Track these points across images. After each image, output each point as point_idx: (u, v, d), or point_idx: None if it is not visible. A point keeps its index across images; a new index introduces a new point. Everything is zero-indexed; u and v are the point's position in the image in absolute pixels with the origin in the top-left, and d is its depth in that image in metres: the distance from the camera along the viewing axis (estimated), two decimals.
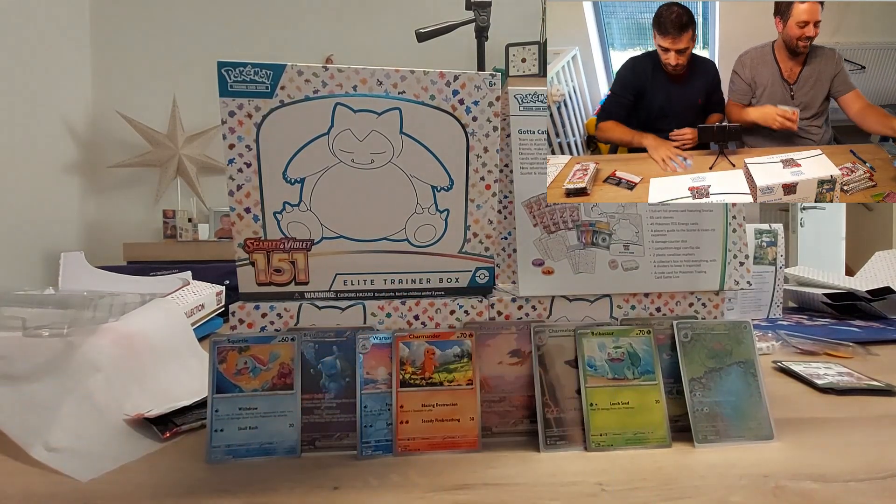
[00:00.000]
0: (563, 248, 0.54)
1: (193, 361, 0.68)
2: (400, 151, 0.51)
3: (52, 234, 2.68)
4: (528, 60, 2.66)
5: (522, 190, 0.55)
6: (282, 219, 0.51)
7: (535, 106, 0.57)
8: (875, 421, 0.55)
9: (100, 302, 0.70)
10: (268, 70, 0.49)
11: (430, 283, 0.54)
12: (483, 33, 2.14)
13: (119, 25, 2.95)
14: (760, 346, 0.83)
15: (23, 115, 2.51)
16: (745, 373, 0.52)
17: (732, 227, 0.57)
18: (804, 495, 0.39)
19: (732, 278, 0.57)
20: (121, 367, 0.57)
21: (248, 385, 0.48)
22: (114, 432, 0.50)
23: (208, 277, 1.06)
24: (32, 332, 0.58)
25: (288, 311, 0.51)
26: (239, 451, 0.46)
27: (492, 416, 0.51)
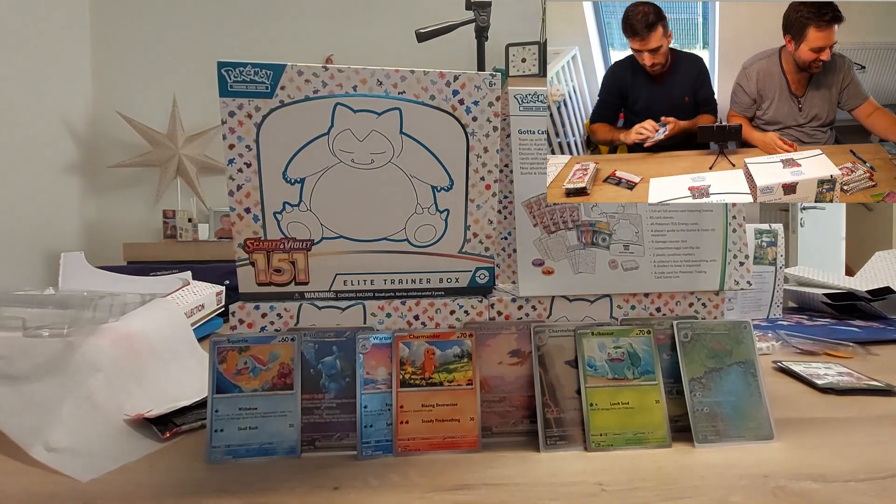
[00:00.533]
0: (563, 248, 0.54)
1: (193, 361, 0.68)
2: (400, 151, 0.51)
3: (52, 234, 2.68)
4: (528, 60, 2.66)
5: (522, 190, 0.55)
6: (282, 219, 0.51)
7: (535, 106, 0.57)
8: (875, 421, 0.55)
9: (100, 302, 0.70)
10: (268, 70, 0.49)
11: (430, 283, 0.54)
12: (483, 33, 2.13)
13: (119, 25, 2.95)
14: (760, 346, 0.83)
15: (23, 115, 2.51)
16: (745, 373, 0.52)
17: (732, 227, 0.57)
18: (804, 495, 0.39)
19: (732, 278, 0.57)
20: (121, 367, 0.57)
21: (248, 385, 0.48)
22: (114, 432, 0.50)
23: (208, 277, 1.06)
24: (32, 333, 0.58)
25: (288, 311, 0.51)
26: (239, 452, 0.46)
27: (492, 416, 0.51)
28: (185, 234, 2.78)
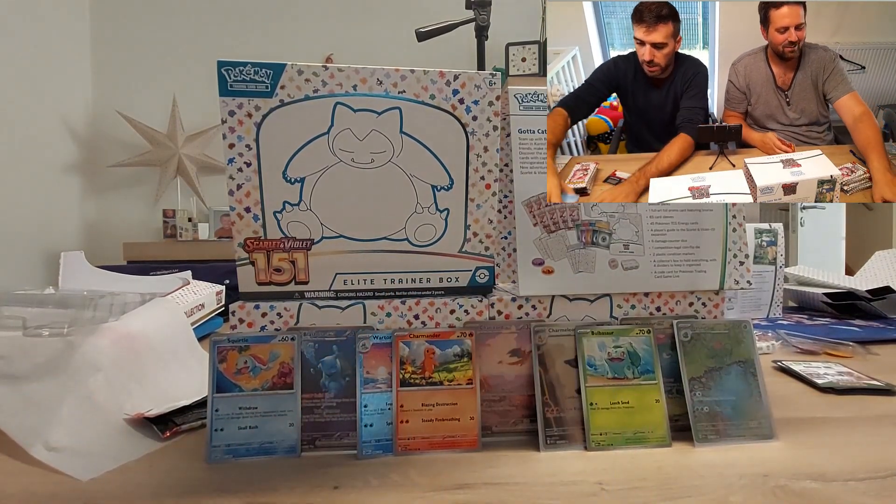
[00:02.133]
0: (563, 247, 0.54)
1: (193, 361, 0.68)
2: (400, 151, 0.51)
3: (52, 233, 2.68)
4: (528, 60, 2.66)
5: (522, 189, 0.55)
6: (282, 218, 0.51)
7: (535, 105, 0.57)
8: (875, 421, 0.55)
9: (100, 302, 0.70)
10: (268, 69, 0.49)
11: (430, 282, 0.54)
12: (483, 33, 2.13)
13: (119, 25, 2.95)
14: (760, 345, 0.83)
15: (23, 115, 2.51)
16: (745, 372, 0.52)
17: (732, 226, 0.57)
18: (804, 495, 0.40)
19: (732, 278, 0.57)
20: (121, 366, 0.57)
21: (248, 384, 0.48)
22: (114, 432, 0.50)
23: (208, 277, 1.06)
24: (33, 332, 0.58)
25: (288, 311, 0.51)
26: (239, 451, 0.46)
27: (492, 415, 0.51)
28: (185, 234, 2.78)
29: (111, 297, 0.72)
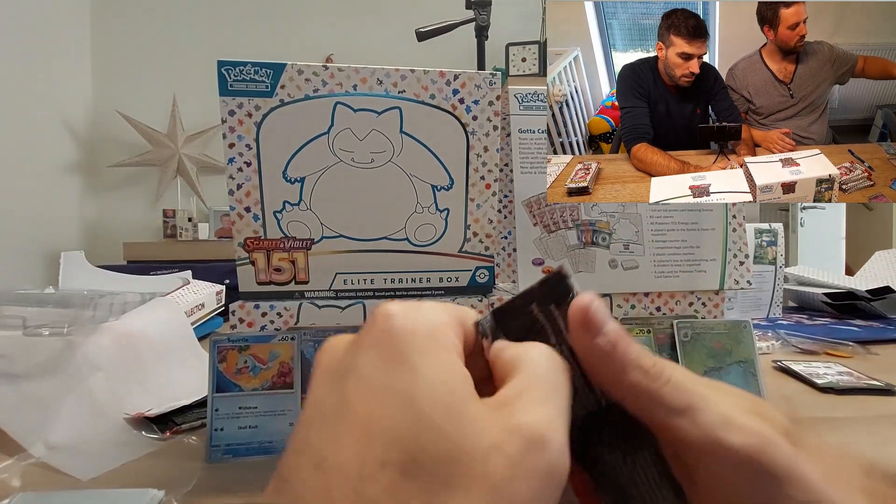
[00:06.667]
0: (563, 247, 0.54)
1: (193, 360, 0.68)
2: (400, 151, 0.51)
3: (52, 233, 2.68)
4: (529, 60, 2.66)
5: (522, 189, 0.55)
6: (282, 218, 0.51)
7: (535, 105, 0.57)
8: (875, 421, 0.55)
9: (100, 301, 0.70)
10: (268, 69, 0.49)
11: (430, 282, 0.54)
12: (483, 33, 2.14)
13: (119, 25, 2.94)
14: (760, 345, 0.83)
15: (23, 115, 2.51)
16: (745, 372, 0.52)
17: (732, 226, 0.57)
18: None
19: (732, 278, 0.57)
20: (121, 366, 0.57)
21: (248, 384, 0.48)
22: (114, 431, 0.50)
23: (208, 277, 1.06)
24: (33, 331, 0.59)
25: (288, 311, 0.51)
26: (239, 451, 0.46)
27: None
28: (185, 234, 2.77)
29: (111, 296, 0.72)
